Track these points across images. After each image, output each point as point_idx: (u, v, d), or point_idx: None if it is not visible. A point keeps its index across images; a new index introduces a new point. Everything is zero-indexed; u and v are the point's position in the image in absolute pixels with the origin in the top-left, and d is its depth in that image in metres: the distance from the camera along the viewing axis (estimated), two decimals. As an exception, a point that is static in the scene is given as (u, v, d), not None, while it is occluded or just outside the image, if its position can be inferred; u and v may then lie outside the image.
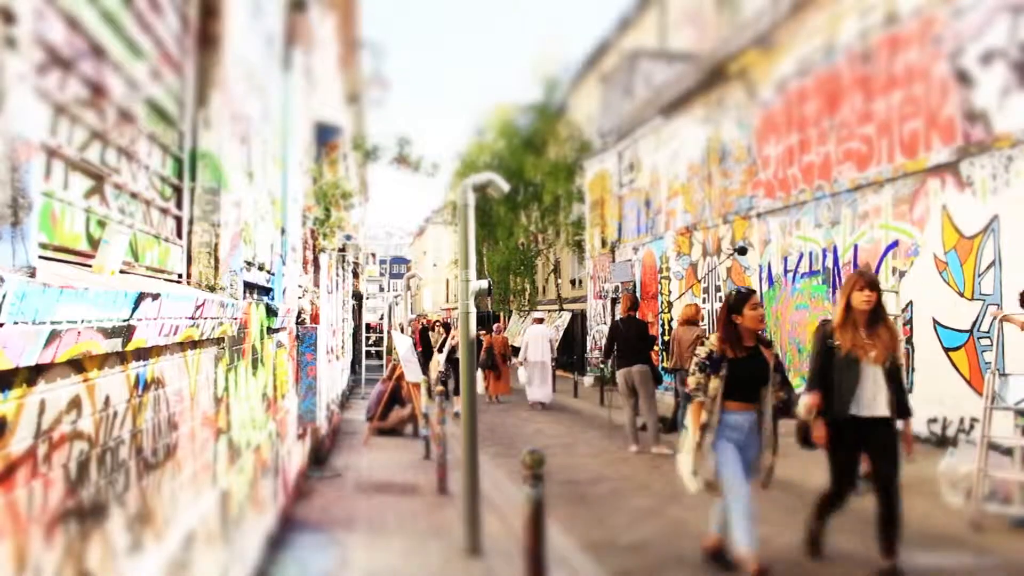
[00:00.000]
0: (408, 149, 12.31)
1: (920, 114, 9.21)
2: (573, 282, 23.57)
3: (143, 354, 2.46)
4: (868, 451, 4.51)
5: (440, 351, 13.86)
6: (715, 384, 4.37)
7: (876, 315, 4.47)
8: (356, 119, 14.74)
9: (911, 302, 9.23)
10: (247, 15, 4.18)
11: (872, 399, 4.41)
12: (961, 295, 8.58)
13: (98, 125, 2.45)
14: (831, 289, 10.83)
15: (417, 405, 9.27)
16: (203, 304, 2.93)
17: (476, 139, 24.23)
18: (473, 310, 5.05)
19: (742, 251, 12.26)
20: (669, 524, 5.61)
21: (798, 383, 11.43)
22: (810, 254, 11.28)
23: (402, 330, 17.49)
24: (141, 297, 2.19)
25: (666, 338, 15.37)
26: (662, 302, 15.62)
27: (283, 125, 5.74)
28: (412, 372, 9.56)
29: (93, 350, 1.94)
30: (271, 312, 5.00)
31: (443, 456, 6.60)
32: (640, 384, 8.84)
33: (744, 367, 4.42)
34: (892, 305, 8.43)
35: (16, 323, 1.53)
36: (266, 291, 5.08)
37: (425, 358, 15.18)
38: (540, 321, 15.57)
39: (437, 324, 20.57)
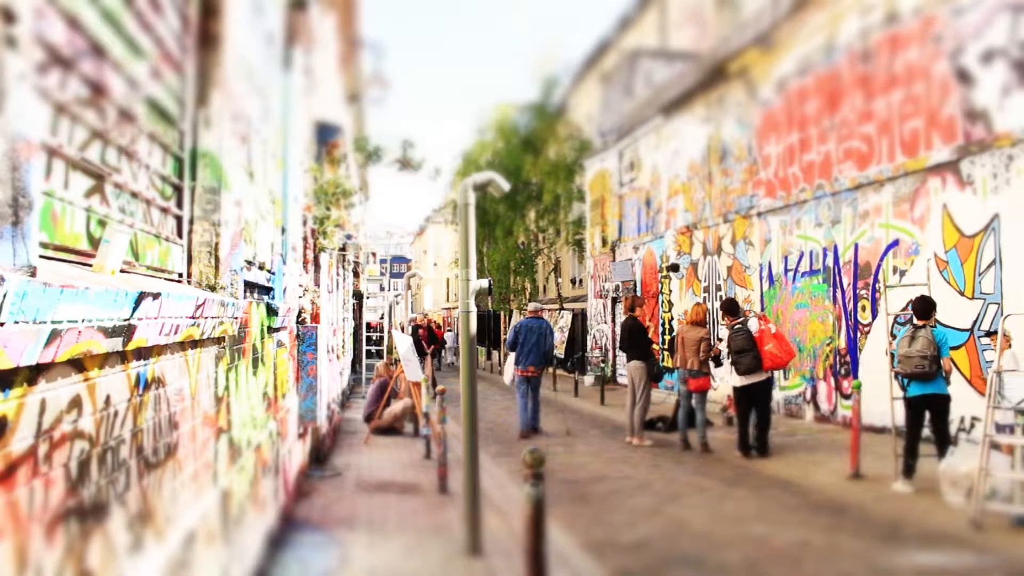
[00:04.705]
0: (411, 152, 12.35)
1: (920, 113, 9.21)
2: (573, 281, 23.56)
3: (144, 353, 2.46)
4: None
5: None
6: None
7: None
8: (356, 118, 14.74)
9: (911, 301, 9.22)
10: (247, 14, 4.18)
11: None
12: (961, 294, 8.58)
13: (98, 124, 2.45)
14: (831, 288, 10.83)
15: (418, 404, 9.26)
16: (203, 303, 2.92)
17: (477, 139, 24.23)
18: (474, 309, 5.05)
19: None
20: (669, 523, 5.62)
21: (798, 382, 11.45)
22: (810, 253, 11.27)
23: (402, 329, 17.49)
24: (142, 296, 2.19)
25: (666, 337, 15.38)
26: (662, 301, 15.62)
27: (283, 124, 5.74)
28: (412, 371, 9.56)
29: (94, 349, 1.94)
30: (271, 311, 5.00)
31: (444, 455, 6.60)
32: (637, 378, 9.41)
33: None
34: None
35: (17, 322, 1.53)
36: (266, 290, 5.08)
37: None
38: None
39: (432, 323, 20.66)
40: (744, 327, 8.08)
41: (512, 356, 10.03)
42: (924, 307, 6.74)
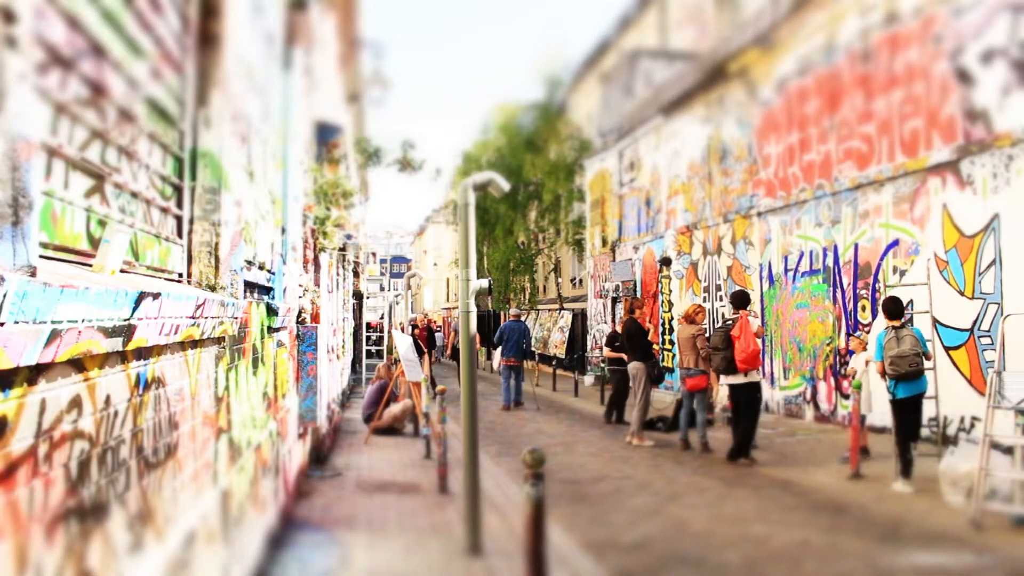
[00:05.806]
0: (411, 153, 12.37)
1: (920, 113, 9.21)
2: (573, 281, 23.56)
3: (144, 353, 2.46)
4: None
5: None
6: None
7: None
8: (356, 118, 14.74)
9: (911, 301, 9.23)
10: (247, 14, 4.18)
11: None
12: (961, 294, 8.58)
13: (98, 124, 2.45)
14: (831, 288, 10.82)
15: (418, 404, 9.27)
16: (203, 303, 2.92)
17: (480, 138, 24.23)
18: (473, 309, 5.05)
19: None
20: (669, 523, 5.62)
21: (798, 382, 11.45)
22: (810, 253, 11.27)
23: (402, 329, 17.49)
24: (141, 296, 2.19)
25: (667, 337, 15.39)
26: (662, 301, 15.62)
27: (283, 124, 5.74)
28: (412, 371, 9.56)
29: (94, 349, 1.94)
30: (271, 311, 5.00)
31: (444, 455, 6.60)
32: (637, 379, 9.60)
33: None
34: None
35: (17, 322, 1.53)
36: (266, 290, 5.08)
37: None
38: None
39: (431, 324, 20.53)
40: (727, 326, 8.11)
41: (499, 349, 14.16)
42: (896, 307, 6.84)
